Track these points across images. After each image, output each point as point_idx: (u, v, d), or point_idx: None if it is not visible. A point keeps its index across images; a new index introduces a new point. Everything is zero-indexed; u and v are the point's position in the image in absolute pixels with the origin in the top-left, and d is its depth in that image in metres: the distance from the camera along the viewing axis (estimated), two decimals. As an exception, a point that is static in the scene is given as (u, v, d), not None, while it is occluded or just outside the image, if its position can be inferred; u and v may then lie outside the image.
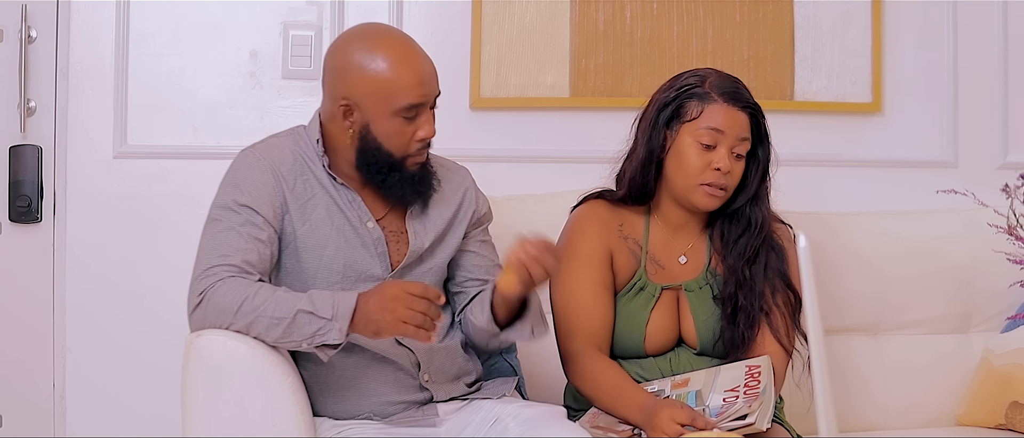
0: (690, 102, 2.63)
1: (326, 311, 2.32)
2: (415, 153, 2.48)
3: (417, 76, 2.44)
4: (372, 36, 2.50)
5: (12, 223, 3.12)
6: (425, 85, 2.45)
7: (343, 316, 2.32)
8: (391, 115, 2.44)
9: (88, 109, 3.14)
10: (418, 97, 2.44)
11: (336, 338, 2.33)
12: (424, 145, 2.49)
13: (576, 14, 3.23)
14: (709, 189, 2.62)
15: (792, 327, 2.67)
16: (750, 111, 2.63)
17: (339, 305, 2.33)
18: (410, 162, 2.49)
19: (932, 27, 3.36)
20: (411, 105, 2.43)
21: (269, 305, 2.34)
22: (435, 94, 2.49)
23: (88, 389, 3.15)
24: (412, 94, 2.43)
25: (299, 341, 2.35)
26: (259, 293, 2.35)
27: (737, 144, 2.61)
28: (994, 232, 2.92)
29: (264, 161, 2.49)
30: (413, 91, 2.43)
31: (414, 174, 2.50)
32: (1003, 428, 3.00)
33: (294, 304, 2.33)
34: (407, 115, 2.44)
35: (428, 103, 2.47)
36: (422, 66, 2.46)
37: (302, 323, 2.33)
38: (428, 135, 2.48)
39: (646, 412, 2.49)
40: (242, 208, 2.44)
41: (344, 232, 2.50)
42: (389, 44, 2.47)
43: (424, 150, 2.50)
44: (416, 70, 2.45)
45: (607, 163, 2.79)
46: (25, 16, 3.07)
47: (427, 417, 2.52)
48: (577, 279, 2.66)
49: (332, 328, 2.32)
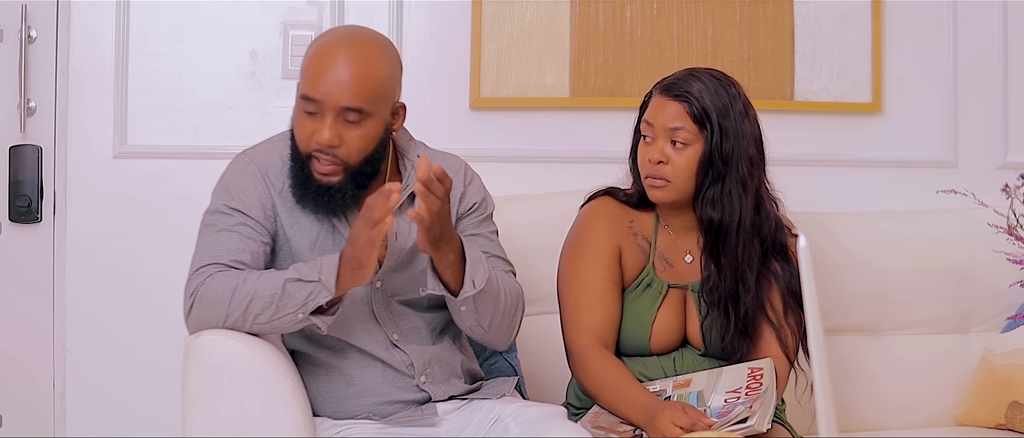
0: (647, 101, 2.67)
1: (312, 274, 2.35)
2: (314, 154, 2.42)
3: (322, 72, 2.40)
4: (337, 28, 2.58)
5: (12, 223, 3.12)
6: (325, 85, 2.39)
7: (328, 273, 2.34)
8: (299, 99, 2.45)
9: (88, 109, 3.14)
10: (313, 92, 2.40)
11: (327, 296, 2.34)
12: (321, 150, 2.41)
13: (576, 14, 3.23)
14: (649, 181, 2.63)
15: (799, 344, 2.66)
16: (684, 100, 2.60)
17: (323, 266, 2.35)
18: (314, 167, 2.43)
19: (932, 27, 3.37)
20: (305, 96, 2.41)
21: (259, 285, 2.36)
22: (338, 102, 2.39)
23: (88, 389, 3.15)
24: (308, 85, 2.41)
25: (294, 312, 2.36)
26: (247, 279, 2.37)
27: (670, 134, 2.60)
28: (994, 232, 2.93)
29: (253, 165, 2.50)
30: (310, 83, 2.41)
31: (319, 184, 2.43)
32: (1003, 428, 3.00)
33: (281, 277, 2.36)
34: (306, 108, 2.42)
35: (327, 106, 2.40)
36: (336, 68, 2.40)
37: (292, 291, 2.35)
38: (322, 141, 2.40)
39: (648, 413, 2.49)
40: (234, 211, 2.46)
41: (332, 233, 2.50)
42: (330, 37, 2.48)
43: (325, 158, 2.42)
44: (325, 66, 2.40)
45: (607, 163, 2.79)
46: (25, 16, 3.07)
47: (426, 417, 2.52)
48: (585, 274, 2.66)
49: (321, 288, 2.34)
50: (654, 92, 2.66)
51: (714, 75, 2.63)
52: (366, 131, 2.43)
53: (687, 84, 2.60)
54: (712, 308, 2.64)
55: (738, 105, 2.61)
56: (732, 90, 2.62)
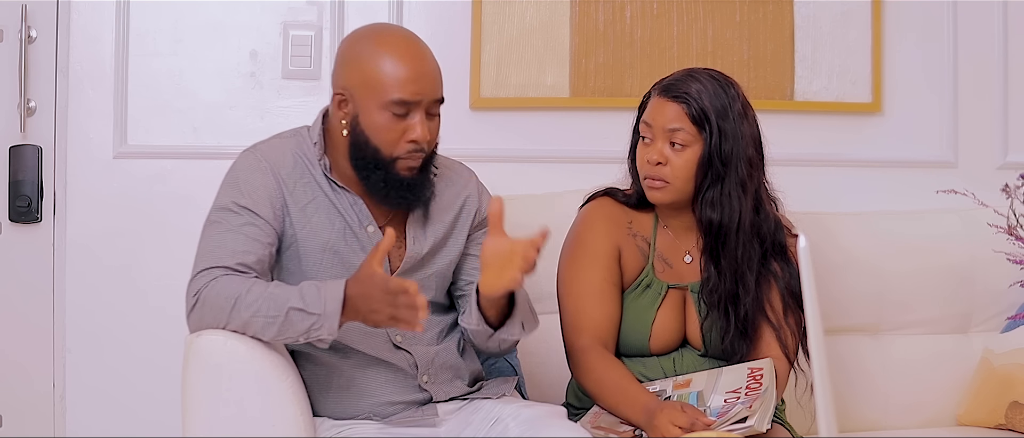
0: (646, 101, 2.66)
1: (316, 307, 2.33)
2: (405, 155, 2.43)
3: (411, 72, 2.41)
4: (379, 30, 2.52)
5: (12, 223, 3.12)
6: (418, 83, 2.41)
7: (333, 310, 2.32)
8: (380, 108, 2.41)
9: (88, 109, 3.14)
10: (409, 93, 2.40)
11: (329, 333, 2.34)
12: (416, 148, 2.43)
13: (576, 14, 3.23)
14: (648, 182, 2.63)
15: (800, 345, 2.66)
16: (683, 101, 2.60)
17: (328, 300, 2.32)
18: (401, 165, 2.44)
19: (932, 27, 3.37)
20: (400, 100, 2.40)
21: (262, 303, 2.34)
22: (432, 96, 2.44)
23: (88, 389, 3.15)
24: (403, 89, 2.40)
25: (295, 337, 2.36)
26: (252, 290, 2.35)
27: (669, 134, 2.60)
28: (994, 232, 2.92)
29: (264, 163, 2.48)
30: (404, 86, 2.40)
31: (404, 179, 2.45)
32: (1003, 428, 3.00)
33: (285, 301, 2.34)
34: (396, 111, 2.41)
35: (422, 103, 2.42)
36: (420, 65, 2.43)
37: (295, 320, 2.33)
38: (420, 138, 2.42)
39: (648, 413, 2.49)
40: (242, 210, 2.44)
41: (344, 236, 2.49)
42: (391, 39, 2.46)
43: (417, 154, 2.44)
44: (412, 66, 2.41)
45: (607, 163, 2.79)
46: (25, 16, 3.07)
47: (427, 417, 2.52)
48: (585, 275, 2.66)
49: (323, 323, 2.33)
50: (653, 93, 2.66)
51: (713, 76, 2.63)
52: (439, 119, 2.50)
53: (686, 85, 2.60)
54: (712, 309, 2.64)
55: (737, 106, 2.60)
56: (731, 91, 2.62)
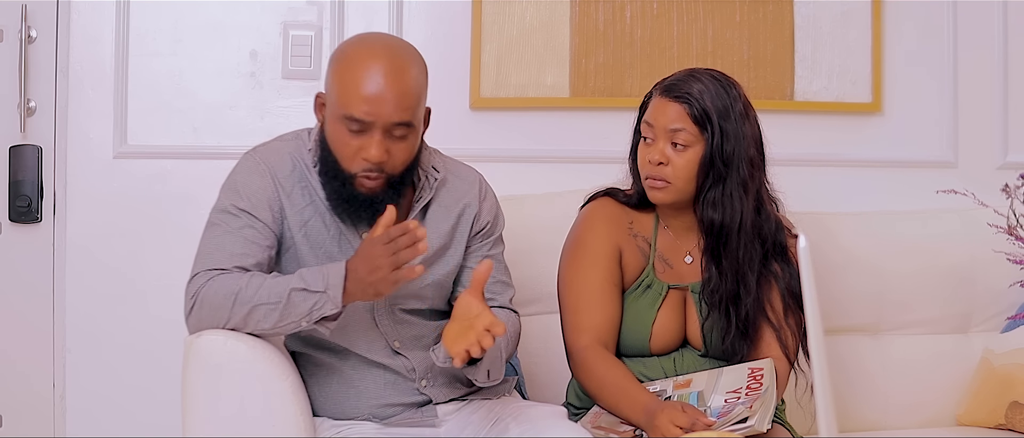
0: (647, 101, 2.66)
1: (318, 284, 2.33)
2: (362, 174, 2.39)
3: (368, 92, 2.34)
4: (360, 42, 2.46)
5: (12, 223, 3.12)
6: (372, 104, 2.34)
7: (335, 286, 2.32)
8: (336, 120, 2.39)
9: (88, 109, 3.14)
10: (361, 113, 2.35)
11: (333, 308, 2.34)
12: (371, 168, 2.38)
13: (576, 14, 3.23)
14: (649, 182, 2.63)
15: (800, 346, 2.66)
16: (684, 101, 2.60)
17: (329, 276, 2.33)
18: (359, 182, 2.40)
19: (932, 27, 3.37)
20: (352, 117, 2.35)
21: (262, 292, 2.34)
22: (388, 120, 2.36)
23: (88, 389, 3.15)
24: (355, 107, 2.35)
25: (298, 320, 2.35)
26: (250, 283, 2.35)
27: (670, 135, 2.60)
28: (994, 232, 2.92)
29: (263, 165, 2.48)
30: (357, 105, 2.35)
31: (360, 195, 2.41)
32: (1003, 428, 3.00)
33: (286, 285, 2.34)
34: (350, 127, 2.36)
35: (377, 124, 2.36)
36: (381, 86, 2.35)
37: (297, 301, 2.34)
38: (372, 159, 2.37)
39: (648, 413, 2.49)
40: (241, 213, 2.44)
41: (339, 241, 2.49)
42: (364, 52, 2.40)
43: (375, 174, 2.39)
44: (370, 86, 2.35)
45: (607, 163, 2.79)
46: (25, 16, 3.07)
47: (426, 418, 2.52)
48: (585, 275, 2.66)
49: (327, 299, 2.33)
50: (654, 93, 2.66)
51: (714, 76, 2.63)
52: (410, 142, 2.41)
53: (687, 85, 2.60)
54: (713, 310, 2.64)
55: (738, 106, 2.60)
56: (732, 91, 2.62)
